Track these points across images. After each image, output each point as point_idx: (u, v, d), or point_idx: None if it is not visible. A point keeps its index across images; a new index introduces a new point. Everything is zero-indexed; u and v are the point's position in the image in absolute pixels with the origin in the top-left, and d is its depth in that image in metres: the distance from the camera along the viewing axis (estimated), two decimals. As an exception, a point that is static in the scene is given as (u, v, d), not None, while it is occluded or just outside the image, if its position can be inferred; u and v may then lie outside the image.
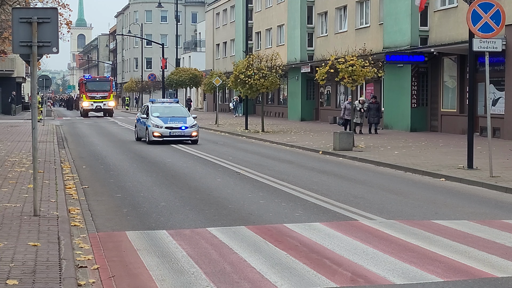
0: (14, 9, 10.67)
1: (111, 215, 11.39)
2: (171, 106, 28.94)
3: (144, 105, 30.20)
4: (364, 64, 24.97)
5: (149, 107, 28.45)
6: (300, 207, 12.21)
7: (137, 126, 29.02)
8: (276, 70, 34.20)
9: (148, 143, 26.53)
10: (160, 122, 26.82)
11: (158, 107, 28.57)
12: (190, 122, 27.13)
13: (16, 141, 26.40)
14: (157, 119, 27.04)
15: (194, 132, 26.94)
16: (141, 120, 28.17)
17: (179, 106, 29.37)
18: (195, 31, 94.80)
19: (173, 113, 27.89)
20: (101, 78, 65.45)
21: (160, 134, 26.50)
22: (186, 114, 28.13)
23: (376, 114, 32.71)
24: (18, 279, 6.78)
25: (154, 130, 26.55)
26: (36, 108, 10.64)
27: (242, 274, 7.64)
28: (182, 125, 26.80)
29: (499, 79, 28.87)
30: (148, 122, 27.05)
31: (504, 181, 15.27)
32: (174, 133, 26.58)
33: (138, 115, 29.70)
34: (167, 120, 26.89)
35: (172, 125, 26.68)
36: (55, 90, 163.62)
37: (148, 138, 26.73)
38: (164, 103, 29.72)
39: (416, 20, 34.26)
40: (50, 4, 29.98)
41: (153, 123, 26.75)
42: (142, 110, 29.93)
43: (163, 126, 26.63)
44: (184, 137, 26.73)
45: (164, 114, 27.51)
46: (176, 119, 27.17)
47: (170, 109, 28.38)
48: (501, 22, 16.29)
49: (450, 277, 7.58)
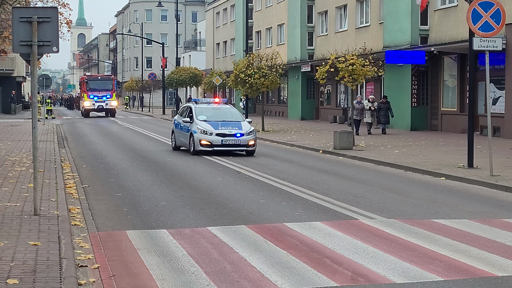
0: (14, 9, 10.67)
1: (112, 214, 11.39)
2: (220, 108, 23.85)
3: (184, 106, 25.10)
4: (364, 63, 24.97)
5: (192, 108, 23.22)
6: (300, 206, 12.21)
7: (176, 132, 24.02)
8: (276, 69, 34.21)
9: (193, 154, 21.75)
10: (209, 127, 21.86)
11: (205, 108, 23.46)
12: (246, 128, 22.07)
13: (16, 140, 26.40)
14: (204, 123, 22.13)
15: (251, 140, 21.93)
16: (182, 125, 23.17)
17: (229, 108, 24.31)
18: (195, 30, 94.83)
19: (224, 116, 22.98)
20: (103, 76, 62.99)
21: (209, 143, 21.60)
22: (240, 118, 23.19)
23: (386, 114, 32.15)
24: (18, 279, 6.78)
25: (201, 138, 21.68)
26: (36, 107, 10.63)
27: (242, 273, 7.64)
28: (236, 131, 21.78)
29: (499, 78, 28.87)
30: (192, 128, 22.14)
31: (504, 180, 15.27)
32: (227, 141, 21.64)
33: (176, 118, 24.79)
34: (218, 125, 21.99)
35: (225, 131, 21.74)
36: (56, 89, 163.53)
37: (193, 147, 21.90)
38: (211, 104, 24.44)
39: (416, 19, 34.25)
40: (50, 3, 30.03)
41: (200, 129, 21.80)
42: (181, 112, 24.58)
43: (213, 132, 21.68)
44: (239, 146, 21.80)
45: (212, 118, 22.68)
46: (229, 124, 22.25)
47: (219, 112, 23.41)
48: (501, 21, 16.29)
49: (450, 276, 7.58)
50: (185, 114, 23.65)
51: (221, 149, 21.61)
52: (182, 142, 23.23)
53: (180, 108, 25.15)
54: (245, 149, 21.86)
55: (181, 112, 24.55)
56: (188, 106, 24.09)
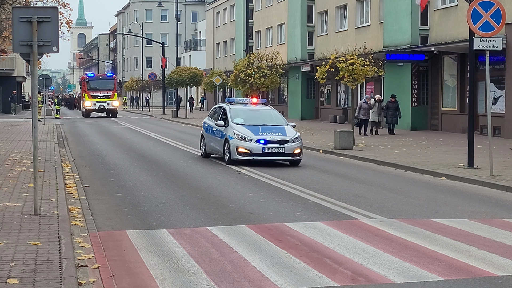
0: (14, 8, 10.67)
1: (112, 214, 11.39)
2: (259, 110, 20.63)
3: (217, 107, 21.81)
4: (365, 63, 24.97)
5: (227, 110, 20.14)
6: (300, 206, 12.21)
7: (206, 137, 20.90)
8: (277, 69, 34.24)
9: (228, 163, 18.89)
10: (248, 132, 18.84)
11: (241, 110, 20.36)
12: (290, 134, 19.02)
13: (16, 140, 26.39)
14: (242, 128, 19.11)
15: (298, 149, 18.86)
16: (215, 129, 20.20)
17: (269, 110, 20.93)
18: (195, 30, 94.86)
19: (264, 119, 19.91)
20: (104, 76, 60.73)
21: (248, 151, 18.54)
22: (282, 122, 20.04)
23: (395, 113, 31.41)
24: (18, 278, 6.78)
25: (239, 145, 18.65)
26: (36, 107, 10.63)
27: (242, 273, 7.64)
28: (280, 137, 18.72)
29: (500, 78, 28.88)
30: (228, 132, 19.22)
31: (504, 179, 15.28)
32: (270, 149, 18.52)
33: (206, 121, 21.57)
34: (258, 130, 18.92)
35: (267, 137, 18.67)
36: (56, 89, 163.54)
37: (229, 156, 18.95)
38: (248, 105, 21.04)
39: (416, 19, 34.26)
40: (51, 3, 30.04)
41: (237, 134, 18.82)
42: (212, 114, 21.55)
43: (252, 138, 18.61)
44: (283, 155, 18.72)
45: (250, 121, 19.63)
46: (271, 128, 19.17)
47: (258, 114, 20.31)
48: (501, 21, 16.29)
49: (450, 276, 7.58)
50: (217, 117, 20.64)
51: (262, 158, 18.55)
52: (214, 149, 20.32)
53: (211, 110, 22.13)
54: (289, 159, 18.82)
55: (212, 114, 21.51)
56: (220, 107, 21.03)
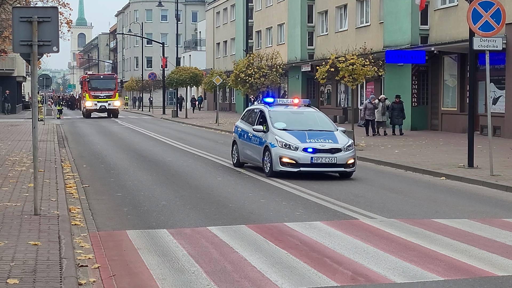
0: (14, 8, 10.67)
1: (112, 214, 11.39)
2: (302, 113, 17.78)
3: (252, 109, 18.91)
4: (365, 63, 24.97)
5: (265, 113, 17.32)
6: (300, 206, 12.21)
7: (240, 144, 18.21)
8: (277, 69, 34.24)
9: (270, 175, 16.13)
10: (294, 139, 16.08)
11: (282, 113, 17.55)
12: (342, 141, 16.27)
13: (16, 140, 26.39)
14: (285, 133, 16.35)
15: (351, 158, 16.11)
16: (251, 135, 17.51)
17: (314, 112, 18.02)
18: (195, 30, 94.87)
19: (308, 123, 17.15)
20: (105, 75, 59.98)
21: (294, 161, 15.79)
22: (331, 126, 17.20)
23: (400, 114, 30.51)
24: (18, 278, 6.78)
25: (283, 154, 15.87)
26: (36, 107, 10.63)
27: (242, 273, 7.64)
28: (331, 145, 15.97)
29: (500, 78, 28.88)
30: (268, 139, 16.45)
31: (504, 179, 15.28)
32: (320, 159, 15.74)
33: (239, 124, 18.86)
34: (305, 137, 16.15)
35: (316, 145, 15.90)
36: (56, 89, 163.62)
37: (270, 167, 16.12)
38: (289, 106, 18.18)
39: (417, 18, 34.26)
40: (51, 3, 30.04)
41: (280, 141, 16.06)
42: (247, 117, 18.75)
43: (299, 146, 15.86)
44: (335, 167, 15.94)
45: (294, 126, 16.85)
46: (319, 135, 16.38)
47: (302, 117, 17.51)
48: (502, 21, 16.29)
49: (450, 276, 7.58)
50: (253, 120, 17.91)
51: (311, 170, 15.84)
52: (250, 158, 17.66)
53: (245, 112, 19.50)
54: (341, 171, 16.08)
55: (247, 117, 18.74)
56: (257, 109, 18.18)
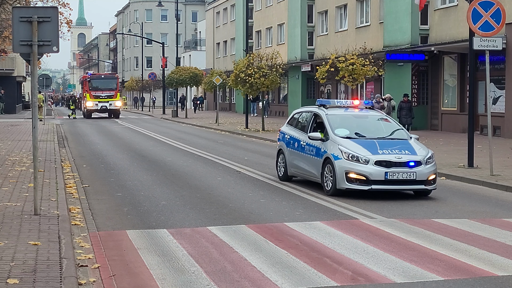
0: (14, 8, 10.67)
1: (112, 214, 11.39)
2: (367, 117, 15.03)
3: (303, 112, 15.93)
4: (365, 62, 24.98)
5: (323, 117, 14.51)
6: (300, 206, 12.21)
7: (289, 154, 15.31)
8: (277, 69, 34.20)
9: (332, 194, 13.26)
10: (363, 150, 13.26)
11: (343, 117, 14.75)
12: (421, 152, 13.49)
13: (16, 140, 26.38)
14: (351, 143, 13.53)
15: (432, 174, 13.29)
16: (304, 143, 14.68)
17: (380, 116, 15.15)
18: (195, 30, 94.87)
19: (376, 130, 14.43)
20: (106, 75, 59.03)
21: (364, 177, 12.99)
22: (402, 134, 14.39)
23: (409, 114, 29.72)
24: (18, 278, 6.78)
25: (349, 168, 13.03)
26: (36, 107, 10.63)
27: (242, 273, 7.64)
28: (408, 157, 13.16)
29: (500, 78, 28.88)
30: (329, 149, 13.60)
31: (504, 179, 15.27)
32: (395, 175, 12.97)
33: (285, 130, 15.97)
34: (375, 147, 13.37)
35: (390, 156, 13.11)
36: (56, 89, 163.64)
37: (334, 184, 13.24)
38: (349, 109, 15.23)
39: (417, 18, 34.26)
40: (51, 3, 30.05)
41: (345, 152, 13.23)
42: (296, 121, 15.85)
43: (369, 159, 13.05)
44: (414, 184, 13.14)
45: (358, 133, 14.10)
46: (391, 144, 13.67)
47: (366, 122, 14.81)
48: (502, 21, 16.29)
49: (450, 276, 7.59)
50: (306, 125, 15.07)
51: (384, 188, 13.07)
52: (302, 171, 14.77)
53: (292, 115, 16.31)
54: (421, 189, 13.29)
55: (296, 121, 15.85)
56: (310, 112, 15.31)
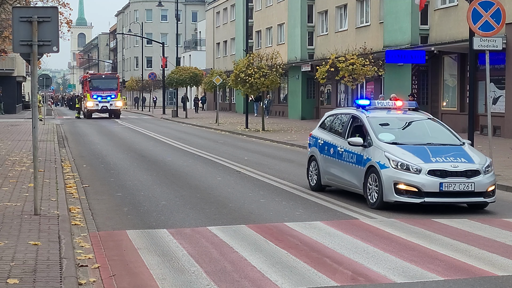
0: (14, 8, 10.68)
1: (112, 214, 11.39)
2: (413, 120, 13.39)
3: (339, 114, 14.34)
4: (365, 62, 24.98)
5: (363, 120, 12.97)
6: (300, 206, 12.21)
7: (322, 160, 13.89)
8: (277, 68, 34.20)
9: (378, 207, 11.84)
10: (413, 158, 11.80)
11: (386, 120, 13.22)
12: (478, 159, 12.13)
13: (16, 140, 26.38)
14: (398, 149, 12.06)
15: (492, 185, 11.99)
16: (341, 149, 13.18)
17: (427, 119, 13.51)
18: (195, 30, 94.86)
19: (424, 135, 13.03)
20: (107, 75, 58.71)
21: (416, 189, 11.53)
22: (454, 139, 12.90)
23: None
24: (18, 278, 6.78)
25: (399, 178, 11.60)
26: (36, 107, 10.63)
27: (242, 273, 7.64)
28: (466, 167, 11.78)
29: (500, 78, 28.87)
30: (373, 156, 12.14)
31: (504, 179, 15.27)
32: (452, 186, 11.53)
33: (318, 134, 14.51)
34: (427, 155, 11.90)
35: (445, 166, 11.64)
36: (56, 89, 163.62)
37: (380, 195, 11.80)
38: (391, 111, 13.63)
39: (417, 18, 34.25)
40: (51, 3, 30.05)
41: (393, 160, 11.78)
42: (331, 124, 14.25)
43: (421, 168, 11.60)
44: (472, 196, 11.77)
45: (405, 138, 12.64)
46: (444, 150, 12.21)
47: (413, 126, 13.31)
48: (502, 21, 16.28)
49: (450, 276, 7.59)
50: (343, 129, 13.59)
51: (439, 200, 11.66)
52: (340, 180, 13.29)
53: (325, 117, 14.73)
54: (480, 201, 11.94)
55: (330, 125, 14.29)
56: (347, 115, 13.76)
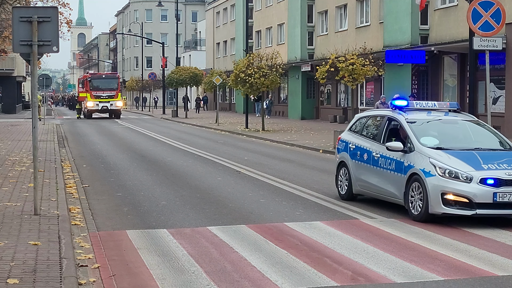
0: (14, 8, 10.68)
1: (112, 214, 11.39)
2: (457, 122, 12.23)
3: (372, 116, 13.28)
4: (365, 62, 24.97)
5: (402, 122, 11.82)
6: (300, 206, 12.21)
7: (355, 167, 12.72)
8: (277, 68, 34.19)
9: (422, 220, 10.68)
10: (462, 165, 10.67)
11: (428, 123, 12.07)
12: None
13: (16, 140, 26.39)
14: (444, 155, 10.91)
15: None
16: (376, 155, 12.05)
17: (472, 121, 12.45)
18: (195, 30, 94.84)
19: (469, 139, 11.93)
20: (107, 75, 58.48)
21: (466, 199, 10.38)
22: (504, 143, 11.87)
23: None
24: (18, 278, 6.78)
25: (447, 188, 10.43)
26: (36, 107, 10.63)
27: (242, 273, 7.65)
28: None
29: (500, 78, 28.86)
30: (415, 162, 11.00)
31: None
32: (507, 196, 10.35)
33: (349, 138, 13.27)
34: (478, 161, 10.77)
35: (499, 173, 10.48)
36: (56, 89, 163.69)
37: (425, 206, 10.60)
38: (432, 112, 12.39)
39: (417, 18, 34.25)
40: (51, 3, 30.04)
41: (440, 167, 10.64)
42: (363, 127, 13.13)
43: (472, 176, 10.46)
44: None
45: (450, 142, 11.46)
46: (495, 156, 11.12)
47: (457, 129, 12.18)
48: (501, 21, 16.29)
49: (450, 276, 7.59)
50: (377, 132, 12.48)
51: (493, 212, 10.46)
52: (375, 189, 12.16)
53: (356, 119, 13.62)
54: None
55: (362, 128, 13.16)
56: (383, 116, 12.62)
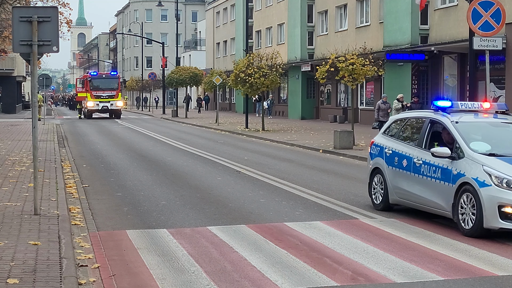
0: (14, 8, 10.68)
1: (112, 214, 11.39)
2: (508, 126, 11.19)
3: (412, 118, 12.18)
4: (365, 62, 24.96)
5: (447, 126, 10.79)
6: (300, 206, 12.21)
7: (391, 175, 11.72)
8: (277, 68, 34.18)
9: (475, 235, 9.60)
10: None
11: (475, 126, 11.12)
12: None
13: (16, 140, 26.39)
14: (502, 163, 9.78)
15: None
16: (418, 161, 10.99)
17: None
18: (195, 29, 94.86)
19: None
20: (108, 75, 58.18)
21: None
22: None
23: None
24: (18, 278, 6.78)
25: (506, 200, 9.34)
26: (36, 107, 10.63)
27: (242, 273, 7.65)
28: None
29: (500, 78, 28.86)
30: (466, 171, 9.94)
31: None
32: None
33: (384, 142, 12.23)
34: None
35: None
36: (56, 89, 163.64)
37: (479, 220, 9.51)
38: (479, 114, 11.40)
39: (417, 18, 34.24)
40: (51, 3, 30.02)
41: (496, 176, 9.55)
42: (400, 131, 12.15)
43: None
44: None
45: (502, 148, 10.40)
46: None
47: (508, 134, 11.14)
48: (501, 21, 16.30)
49: (450, 276, 7.59)
50: (418, 136, 11.49)
51: None
52: (417, 199, 11.06)
53: (391, 122, 12.72)
54: None
55: (399, 131, 12.20)
56: (424, 119, 11.56)
